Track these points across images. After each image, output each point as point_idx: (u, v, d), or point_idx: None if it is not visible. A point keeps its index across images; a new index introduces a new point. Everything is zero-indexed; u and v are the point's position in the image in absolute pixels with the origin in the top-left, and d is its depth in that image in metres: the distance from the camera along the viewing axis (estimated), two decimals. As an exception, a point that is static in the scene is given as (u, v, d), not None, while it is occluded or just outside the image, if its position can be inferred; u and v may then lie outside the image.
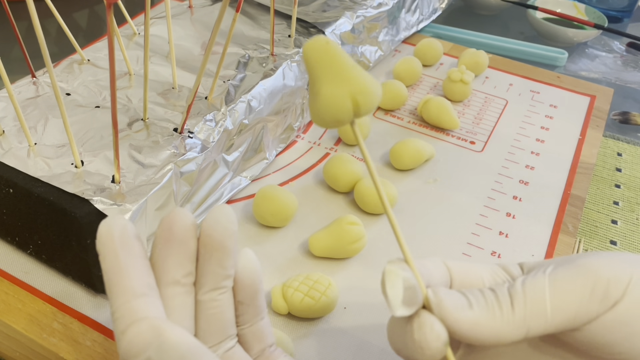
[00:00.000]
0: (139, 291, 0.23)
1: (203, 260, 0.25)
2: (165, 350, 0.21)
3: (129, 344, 0.21)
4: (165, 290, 0.24)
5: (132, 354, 0.21)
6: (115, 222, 0.23)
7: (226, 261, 0.25)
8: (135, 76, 0.44)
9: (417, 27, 0.64)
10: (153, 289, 0.23)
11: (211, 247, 0.25)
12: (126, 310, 0.22)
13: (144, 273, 0.23)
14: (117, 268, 0.23)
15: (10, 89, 0.35)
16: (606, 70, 0.68)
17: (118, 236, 0.23)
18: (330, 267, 0.39)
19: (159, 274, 0.24)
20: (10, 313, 0.34)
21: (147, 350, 0.21)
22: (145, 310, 0.22)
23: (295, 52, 0.47)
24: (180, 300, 0.25)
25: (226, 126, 0.40)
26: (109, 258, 0.23)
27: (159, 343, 0.21)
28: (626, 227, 0.48)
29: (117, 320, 0.22)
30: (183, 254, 0.25)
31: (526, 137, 0.51)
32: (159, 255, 0.25)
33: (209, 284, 0.25)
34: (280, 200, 0.40)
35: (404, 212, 0.43)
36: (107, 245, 0.23)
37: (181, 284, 0.25)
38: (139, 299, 0.22)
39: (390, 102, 0.52)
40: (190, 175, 0.37)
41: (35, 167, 0.34)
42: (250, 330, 0.27)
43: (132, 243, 0.23)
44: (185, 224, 0.25)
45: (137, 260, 0.23)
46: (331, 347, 0.34)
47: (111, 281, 0.23)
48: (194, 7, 0.53)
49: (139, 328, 0.21)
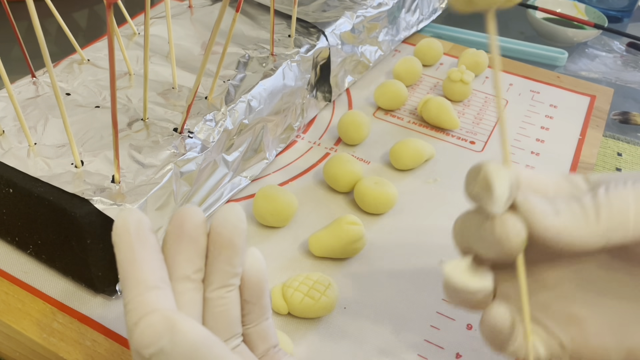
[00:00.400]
0: (153, 284, 0.23)
1: (212, 257, 0.25)
2: (178, 341, 0.21)
3: (141, 334, 0.22)
4: (175, 285, 0.25)
5: (144, 345, 0.21)
6: (131, 215, 0.24)
7: (235, 259, 0.25)
8: (135, 76, 0.44)
9: (417, 27, 0.64)
10: (166, 283, 0.24)
11: (220, 244, 0.25)
12: (139, 302, 0.22)
13: (157, 267, 0.24)
14: (132, 260, 0.23)
15: (10, 89, 0.35)
16: (606, 70, 0.68)
17: (134, 229, 0.24)
18: (330, 267, 0.39)
19: (169, 269, 0.25)
20: (10, 313, 0.34)
21: (159, 341, 0.21)
22: (158, 303, 0.22)
23: (295, 52, 0.47)
24: (189, 296, 0.25)
25: (226, 126, 0.40)
26: (124, 250, 0.23)
27: (172, 334, 0.21)
28: (626, 227, 0.47)
29: (130, 312, 0.22)
30: (193, 250, 0.25)
31: (526, 137, 0.51)
32: (170, 251, 0.25)
33: (217, 281, 0.25)
34: (280, 200, 0.40)
35: (404, 212, 0.43)
36: (123, 238, 0.23)
37: (191, 280, 0.25)
38: (152, 292, 0.23)
39: (390, 102, 0.52)
40: (190, 175, 0.37)
41: (35, 167, 0.34)
42: (255, 330, 0.27)
43: (147, 236, 0.24)
44: (196, 221, 0.25)
45: (151, 254, 0.24)
46: (331, 347, 0.34)
47: (125, 273, 0.23)
48: (194, 7, 0.53)
49: (151, 319, 0.22)
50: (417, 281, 0.38)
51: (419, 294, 0.38)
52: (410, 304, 0.37)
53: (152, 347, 0.21)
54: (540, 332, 0.27)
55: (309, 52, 0.49)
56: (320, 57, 0.50)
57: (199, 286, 0.25)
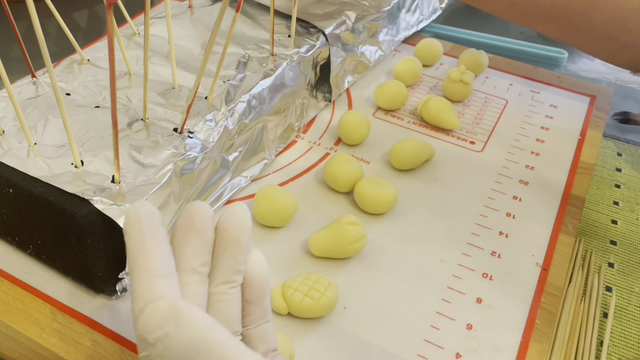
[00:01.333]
0: (160, 272, 0.23)
1: (217, 253, 0.26)
2: (183, 326, 0.22)
3: (147, 320, 0.22)
4: (182, 277, 0.25)
5: (149, 330, 0.22)
6: (144, 206, 0.25)
7: (238, 256, 0.26)
8: (135, 76, 0.44)
9: (417, 27, 0.64)
10: (173, 272, 0.24)
11: (226, 240, 0.26)
12: (146, 289, 0.23)
13: (166, 256, 0.24)
14: (142, 248, 0.24)
15: (10, 89, 0.35)
16: (606, 70, 0.68)
17: (145, 219, 0.24)
18: (330, 267, 0.39)
19: (177, 261, 0.25)
20: (10, 313, 0.34)
21: (164, 327, 0.22)
22: (164, 290, 0.23)
23: (295, 52, 0.47)
24: (195, 288, 0.25)
25: (226, 126, 0.40)
26: (135, 238, 0.24)
27: (177, 319, 0.22)
28: (626, 227, 0.48)
29: (136, 299, 0.23)
30: (201, 243, 0.26)
31: (526, 137, 0.51)
32: (178, 244, 0.26)
33: (220, 276, 0.26)
34: (280, 200, 0.40)
35: (404, 212, 0.43)
36: (134, 226, 0.24)
37: (197, 273, 0.26)
38: (159, 279, 0.23)
39: (390, 102, 0.52)
40: (190, 175, 0.37)
41: (35, 167, 0.34)
42: (255, 331, 0.28)
43: (157, 227, 0.25)
44: (205, 216, 0.26)
45: (160, 244, 0.24)
46: (331, 347, 0.34)
47: (134, 260, 0.24)
48: (194, 7, 0.53)
49: (158, 305, 0.22)
50: (417, 281, 0.38)
51: (419, 294, 0.38)
52: (410, 304, 0.37)
53: (157, 331, 0.22)
54: None
55: (309, 52, 0.49)
56: (320, 57, 0.50)
57: (204, 279, 0.26)
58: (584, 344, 0.38)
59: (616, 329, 0.40)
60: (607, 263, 0.45)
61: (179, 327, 0.22)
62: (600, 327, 0.40)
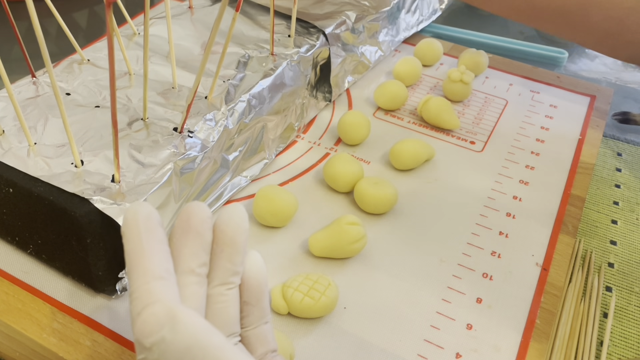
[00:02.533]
0: (158, 274, 0.23)
1: (214, 254, 0.26)
2: (178, 330, 0.22)
3: (143, 324, 0.22)
4: (180, 278, 0.25)
5: (145, 334, 0.22)
6: (142, 207, 0.25)
7: (235, 257, 0.26)
8: (135, 76, 0.44)
9: (417, 28, 0.64)
10: (171, 275, 0.24)
11: (223, 242, 0.26)
12: (144, 292, 0.23)
13: (164, 258, 0.24)
14: (140, 250, 0.24)
15: (10, 89, 0.35)
16: (606, 70, 0.68)
17: (143, 221, 0.24)
18: (330, 267, 0.39)
19: (175, 262, 0.25)
20: (10, 313, 0.34)
21: (160, 331, 0.22)
22: (162, 293, 0.23)
23: (295, 52, 0.47)
24: (193, 289, 0.25)
25: (226, 125, 0.40)
26: (133, 240, 0.24)
27: (173, 324, 0.22)
28: (626, 227, 0.48)
29: (134, 301, 0.23)
30: (199, 244, 0.26)
31: (526, 137, 0.51)
32: (176, 245, 0.26)
33: (218, 278, 0.26)
34: (280, 200, 0.40)
35: (404, 212, 0.43)
36: (132, 228, 0.24)
37: (195, 274, 0.26)
38: (157, 282, 0.23)
39: (390, 102, 0.52)
40: (190, 174, 0.37)
41: (35, 166, 0.34)
42: (254, 332, 0.28)
43: (156, 229, 0.24)
44: (203, 217, 0.26)
45: (159, 246, 0.24)
46: (331, 347, 0.34)
47: (132, 262, 0.24)
48: (194, 7, 0.53)
49: (154, 309, 0.22)
50: (417, 281, 0.38)
51: (419, 294, 0.38)
52: (410, 304, 0.37)
53: (153, 336, 0.22)
54: None
55: (309, 52, 0.49)
56: (320, 57, 0.50)
57: (202, 280, 0.26)
58: (584, 344, 0.38)
59: (616, 329, 0.40)
60: (607, 263, 0.45)
61: (175, 331, 0.22)
62: (600, 327, 0.40)
